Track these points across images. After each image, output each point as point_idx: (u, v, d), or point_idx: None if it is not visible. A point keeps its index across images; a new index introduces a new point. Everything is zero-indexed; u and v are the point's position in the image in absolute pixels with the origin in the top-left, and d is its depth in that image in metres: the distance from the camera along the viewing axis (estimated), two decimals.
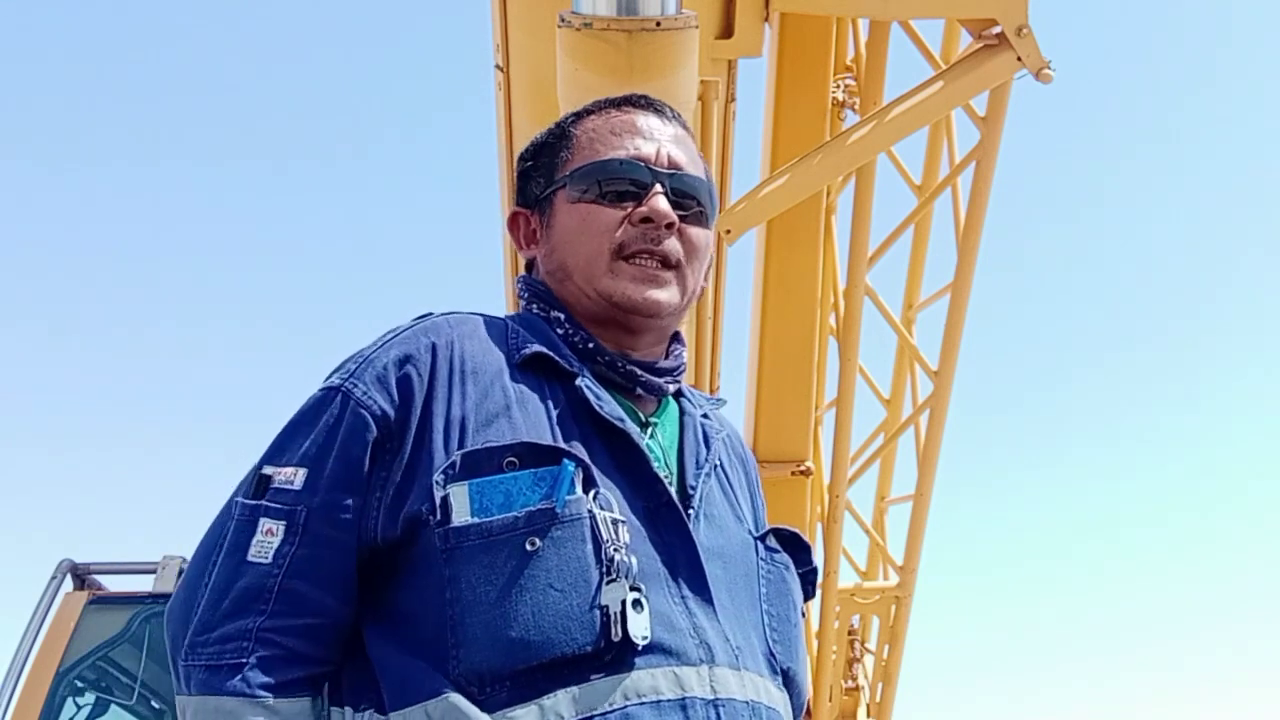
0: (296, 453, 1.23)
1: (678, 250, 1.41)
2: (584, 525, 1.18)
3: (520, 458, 1.21)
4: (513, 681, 1.11)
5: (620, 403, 1.36)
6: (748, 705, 1.18)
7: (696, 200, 1.44)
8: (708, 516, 1.32)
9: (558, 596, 1.14)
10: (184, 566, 4.53)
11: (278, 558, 1.17)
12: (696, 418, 1.45)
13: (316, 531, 1.19)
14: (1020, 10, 3.82)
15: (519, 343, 1.36)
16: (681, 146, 1.48)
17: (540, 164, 1.51)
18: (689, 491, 1.33)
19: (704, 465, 1.37)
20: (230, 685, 1.12)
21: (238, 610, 1.15)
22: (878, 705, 7.63)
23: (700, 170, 1.50)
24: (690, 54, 3.07)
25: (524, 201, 1.54)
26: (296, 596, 1.17)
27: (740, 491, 1.46)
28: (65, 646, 4.31)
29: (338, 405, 1.25)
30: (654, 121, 1.48)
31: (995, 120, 4.72)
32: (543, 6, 3.27)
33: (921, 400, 5.99)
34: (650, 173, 1.41)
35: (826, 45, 4.84)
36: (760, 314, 5.42)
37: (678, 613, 1.19)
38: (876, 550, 6.80)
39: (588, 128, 1.48)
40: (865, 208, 4.98)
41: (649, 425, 1.39)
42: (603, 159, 1.43)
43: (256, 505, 1.20)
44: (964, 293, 5.38)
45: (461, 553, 1.16)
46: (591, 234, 1.40)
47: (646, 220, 1.39)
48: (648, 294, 1.38)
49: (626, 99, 1.51)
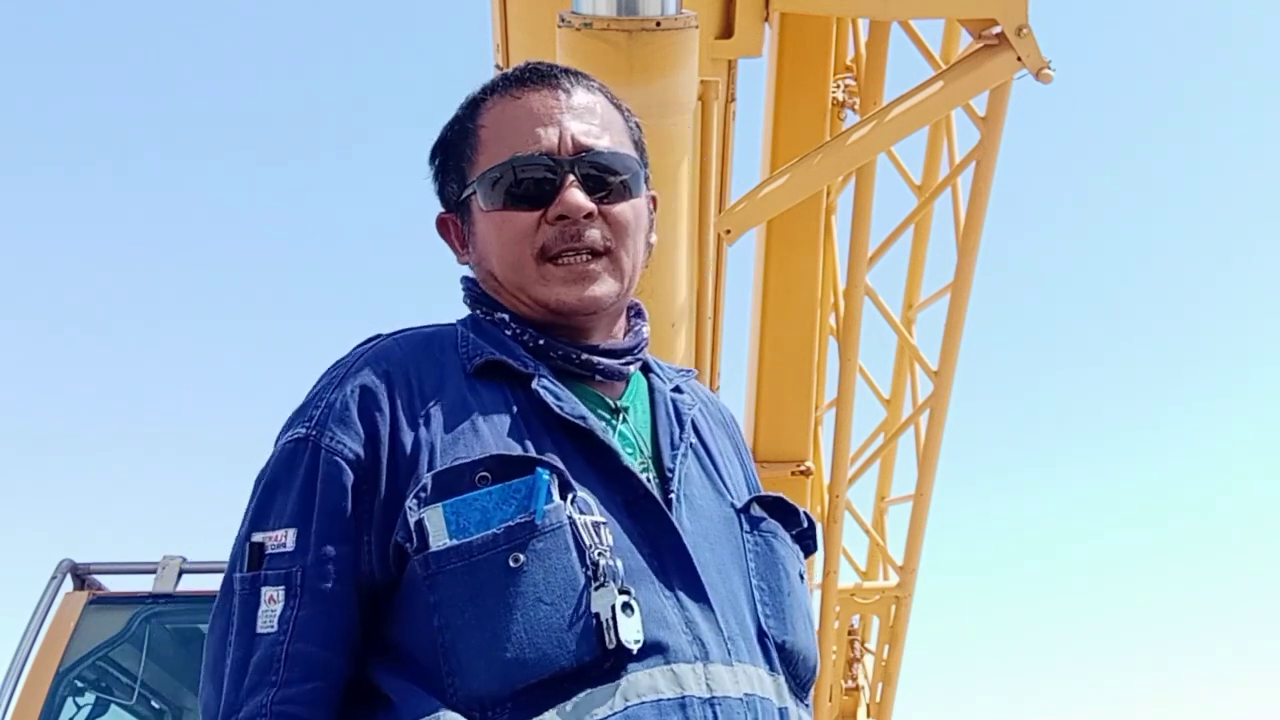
0: (282, 514, 1.22)
1: (604, 237, 1.35)
2: (565, 533, 1.15)
3: (492, 472, 1.18)
4: (514, 703, 1.10)
5: (585, 393, 1.33)
6: (742, 701, 1.16)
7: (614, 174, 1.37)
8: (688, 498, 1.30)
9: (548, 610, 1.12)
10: (184, 566, 4.58)
11: (282, 624, 1.17)
12: (667, 394, 1.41)
13: (314, 589, 1.18)
14: (1020, 10, 3.82)
15: (470, 351, 1.33)
16: (587, 117, 1.39)
17: (449, 165, 1.45)
18: (667, 475, 1.30)
19: (679, 445, 1.34)
20: None
21: (255, 686, 1.15)
22: (878, 705, 7.64)
23: (618, 133, 1.41)
24: (690, 54, 3.07)
25: (445, 204, 1.48)
26: (302, 660, 1.16)
27: (725, 459, 1.43)
28: (65, 646, 4.31)
29: (308, 456, 1.23)
30: (550, 99, 1.38)
31: (995, 120, 4.72)
32: (543, 6, 3.26)
33: (921, 400, 6.00)
34: (555, 164, 1.34)
35: (826, 45, 4.84)
36: (760, 314, 5.42)
37: (669, 608, 1.17)
38: (876, 550, 6.80)
39: (488, 121, 1.40)
40: (865, 208, 4.98)
41: (619, 411, 1.35)
42: (503, 161, 1.35)
43: (255, 576, 1.20)
44: (964, 293, 5.38)
45: (444, 577, 1.14)
46: (510, 242, 1.35)
47: (562, 218, 1.33)
48: (583, 293, 1.33)
49: (519, 75, 1.42)
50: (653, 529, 1.23)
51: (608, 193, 1.36)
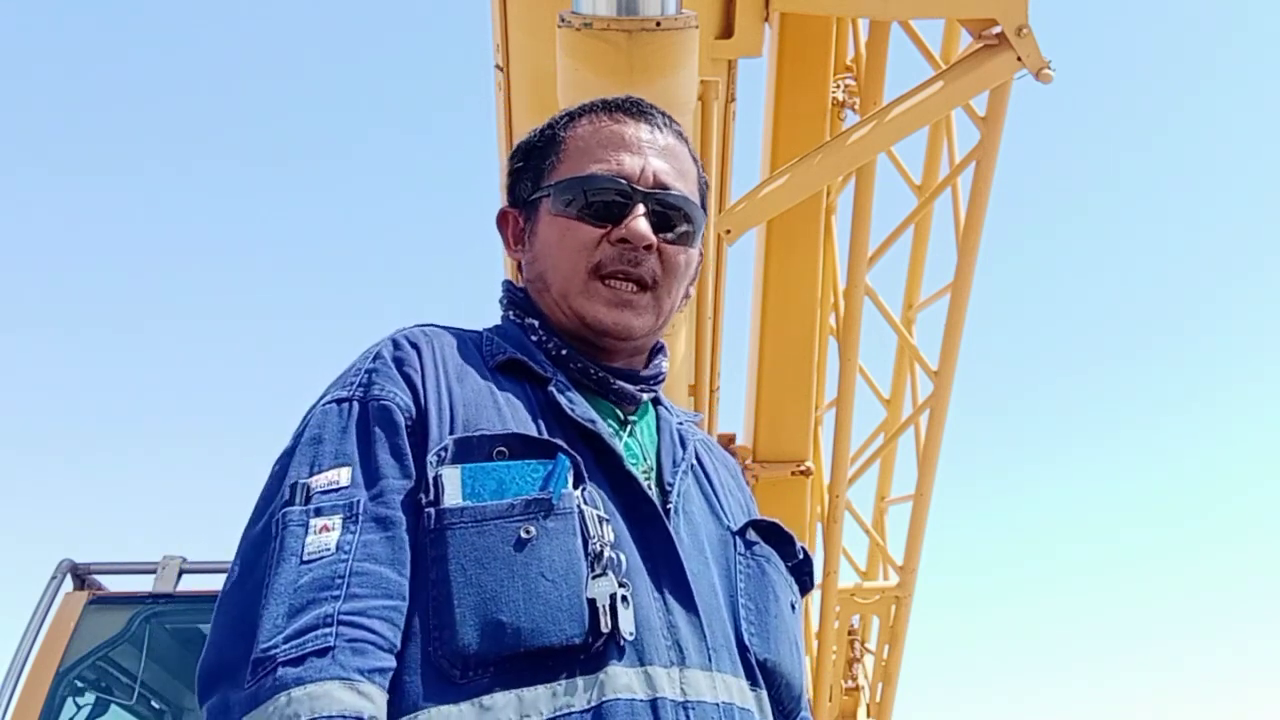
0: (331, 456, 1.20)
1: (655, 271, 1.41)
2: (574, 519, 1.18)
3: (510, 448, 1.22)
4: (497, 668, 1.10)
5: (597, 404, 1.38)
6: (718, 707, 1.17)
7: (680, 218, 1.44)
8: (685, 513, 1.33)
9: (549, 586, 1.13)
10: (184, 566, 4.58)
11: (342, 545, 1.12)
12: (673, 423, 1.46)
13: (379, 515, 1.16)
14: (1020, 10, 3.82)
15: (494, 349, 1.38)
16: (670, 159, 1.46)
17: (529, 166, 1.51)
18: (667, 488, 1.34)
19: (680, 464, 1.38)
20: (320, 670, 1.03)
21: (310, 601, 1.07)
22: (878, 705, 7.63)
23: (690, 183, 1.49)
24: (690, 54, 3.07)
25: (513, 201, 1.54)
26: (372, 577, 1.11)
27: (725, 491, 1.46)
28: (65, 646, 4.31)
29: (356, 407, 1.24)
30: (643, 132, 1.46)
31: (995, 120, 4.72)
32: (543, 6, 3.27)
33: (921, 400, 6.00)
34: (631, 191, 1.40)
35: (826, 45, 4.84)
36: (760, 314, 5.42)
37: (655, 611, 1.19)
38: (876, 550, 6.80)
39: (577, 134, 1.47)
40: (865, 208, 4.98)
41: (628, 424, 1.40)
42: (585, 174, 1.42)
43: (305, 509, 1.15)
44: (964, 293, 5.38)
45: (452, 533, 1.15)
46: (569, 250, 1.41)
47: (624, 241, 1.39)
48: (619, 319, 1.39)
49: (619, 104, 1.49)
50: (649, 534, 1.25)
51: (671, 234, 1.43)
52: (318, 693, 1.02)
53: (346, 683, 1.03)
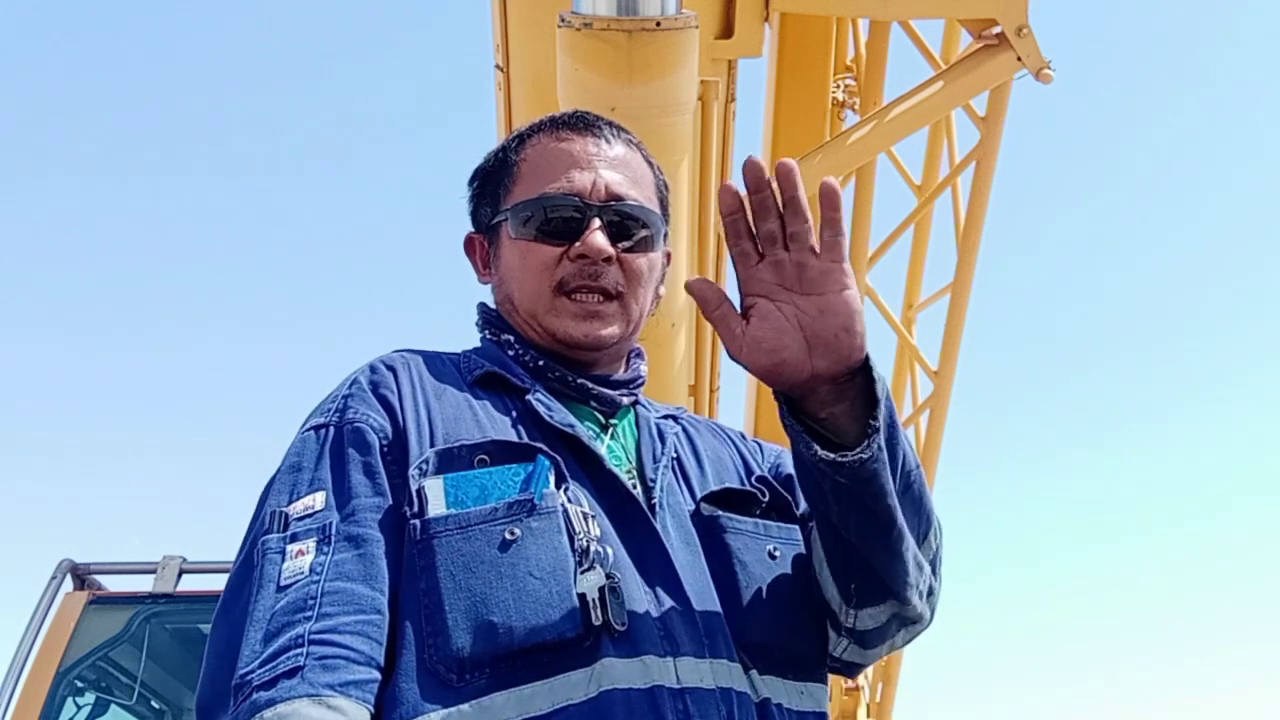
0: (308, 483, 1.23)
1: (618, 281, 1.43)
2: (558, 517, 1.20)
3: (491, 455, 1.24)
4: (492, 669, 1.12)
5: (577, 410, 1.40)
6: (715, 693, 1.18)
7: (638, 225, 1.45)
8: (670, 506, 1.34)
9: (537, 584, 1.15)
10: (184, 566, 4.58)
11: (314, 568, 1.14)
12: (652, 419, 1.48)
13: (349, 534, 1.18)
14: (1020, 10, 3.82)
15: (471, 365, 1.42)
16: (621, 168, 1.47)
17: (486, 191, 1.54)
18: (649, 484, 1.35)
19: (661, 459, 1.40)
20: (289, 689, 1.05)
21: (284, 625, 1.10)
22: (878, 705, 7.64)
23: (646, 189, 1.50)
24: (690, 54, 3.07)
25: (475, 225, 1.58)
26: (344, 595, 1.13)
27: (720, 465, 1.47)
28: (65, 646, 4.31)
29: (332, 433, 1.27)
30: (591, 146, 1.48)
31: (995, 120, 4.72)
32: (543, 6, 3.26)
33: (921, 400, 6.00)
34: (585, 206, 1.42)
35: (826, 45, 4.84)
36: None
37: (646, 603, 1.21)
38: None
39: (526, 156, 1.49)
40: (865, 208, 4.98)
41: (609, 427, 1.43)
42: (536, 196, 1.44)
43: (282, 536, 1.18)
44: (964, 293, 5.39)
45: (438, 542, 1.17)
46: (531, 271, 1.44)
47: (583, 256, 1.41)
48: (589, 330, 1.41)
49: (565, 120, 1.51)
50: (635, 530, 1.27)
51: (629, 242, 1.45)
52: (286, 711, 1.04)
53: (315, 699, 1.05)
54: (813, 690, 1.34)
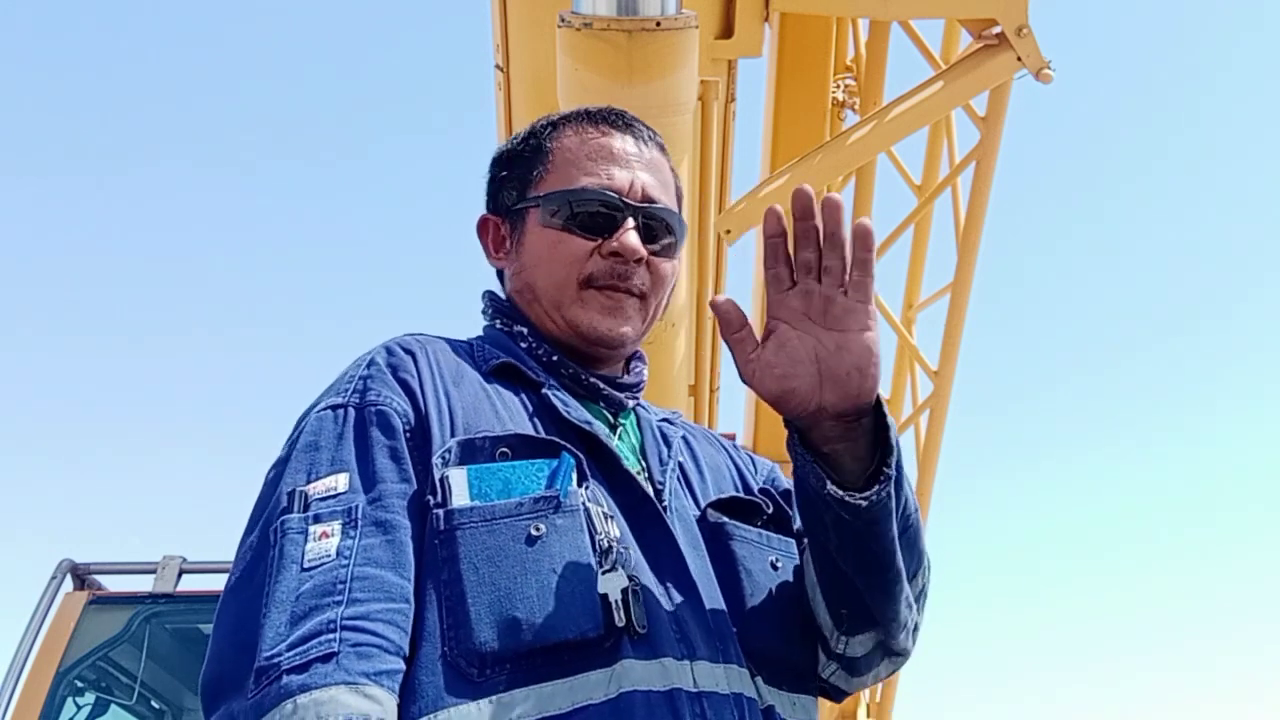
0: (328, 463, 1.19)
1: (645, 283, 1.43)
2: (581, 516, 1.19)
3: (513, 449, 1.23)
4: (513, 665, 1.10)
5: (589, 408, 1.39)
6: (729, 698, 1.18)
7: (667, 231, 1.46)
8: (677, 510, 1.35)
9: (561, 582, 1.14)
10: (184, 566, 4.58)
11: (342, 551, 1.11)
12: (654, 422, 1.48)
13: (379, 519, 1.15)
14: (1020, 10, 3.82)
15: (486, 355, 1.39)
16: (655, 173, 1.48)
17: (514, 175, 1.52)
18: (658, 487, 1.35)
19: (668, 462, 1.40)
20: (325, 675, 1.02)
21: (313, 609, 1.06)
22: (878, 705, 7.63)
23: (671, 195, 1.51)
24: (690, 54, 3.07)
25: (495, 208, 1.55)
26: (374, 581, 1.10)
27: (717, 473, 1.48)
28: (65, 646, 4.31)
29: (353, 414, 1.24)
30: (630, 146, 1.48)
31: (995, 120, 4.72)
32: (543, 6, 3.27)
33: (921, 400, 6.00)
34: (622, 205, 1.42)
35: (826, 45, 4.85)
36: (760, 314, 5.41)
37: (662, 606, 1.20)
38: None
39: (563, 145, 1.48)
40: (865, 208, 4.98)
41: (617, 427, 1.42)
42: (576, 187, 1.43)
43: (304, 516, 1.14)
44: (964, 293, 5.38)
45: (462, 533, 1.16)
46: (561, 262, 1.42)
47: (615, 254, 1.41)
48: (614, 326, 1.41)
49: (605, 115, 1.51)
50: (650, 532, 1.27)
51: (657, 245, 1.45)
52: (323, 698, 1.01)
53: (352, 687, 1.03)
54: (805, 703, 1.34)
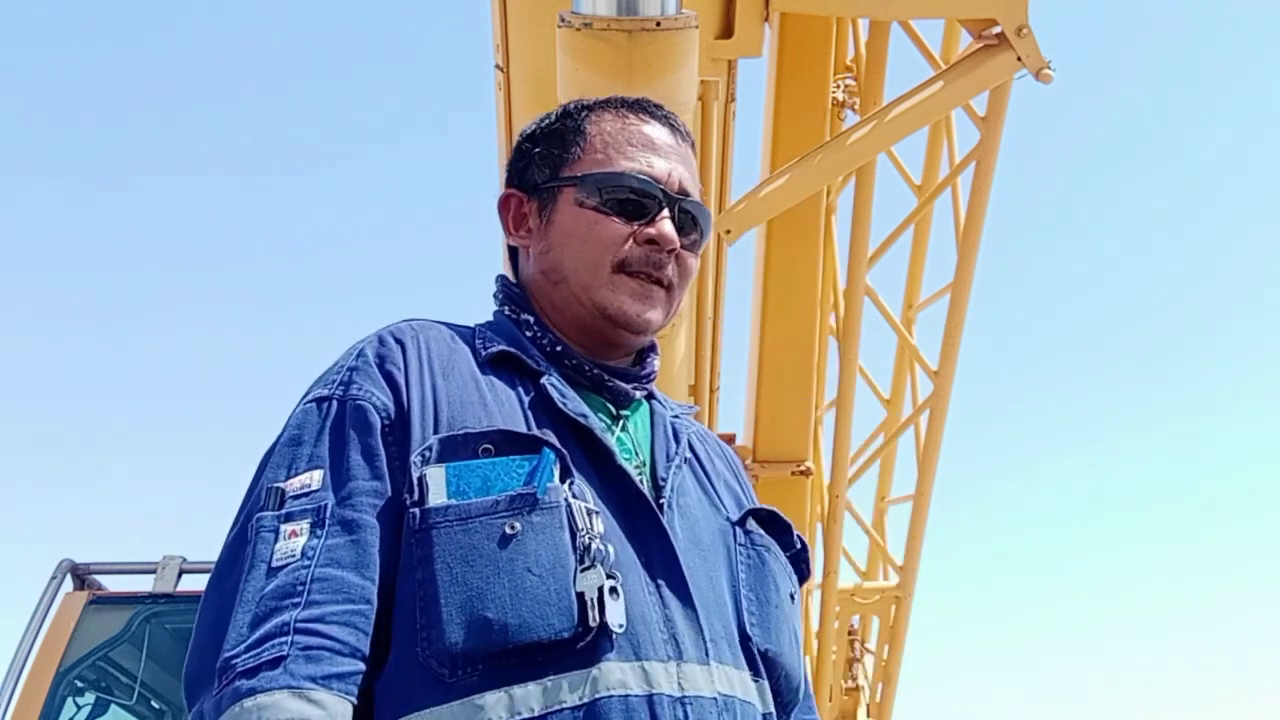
0: (306, 459, 1.20)
1: (674, 274, 1.44)
2: (561, 513, 1.17)
3: (496, 445, 1.21)
4: (485, 665, 1.09)
5: (590, 399, 1.37)
6: (716, 701, 1.16)
7: (697, 226, 1.47)
8: (681, 507, 1.32)
9: (535, 581, 1.13)
10: (184, 566, 4.58)
11: (306, 551, 1.12)
12: (667, 416, 1.46)
13: (344, 518, 1.15)
14: (1020, 10, 3.82)
15: (485, 343, 1.38)
16: (689, 168, 1.49)
17: (547, 152, 1.50)
18: (660, 483, 1.33)
19: (674, 458, 1.38)
20: (271, 680, 1.04)
21: (271, 611, 1.08)
22: (878, 705, 7.64)
23: (698, 193, 1.52)
24: (690, 54, 3.07)
25: (520, 184, 1.52)
26: (333, 582, 1.11)
27: (722, 482, 1.47)
28: (65, 646, 4.30)
29: (334, 407, 1.24)
30: (668, 137, 1.49)
31: (995, 120, 4.73)
32: (543, 6, 3.27)
33: (921, 400, 6.00)
34: (662, 195, 1.43)
35: (826, 45, 4.84)
36: (760, 314, 5.42)
37: (650, 604, 1.18)
38: (876, 550, 6.80)
39: (603, 129, 1.47)
40: (865, 208, 4.98)
41: (620, 419, 1.40)
42: (619, 170, 1.43)
43: (276, 515, 1.16)
44: (964, 293, 5.39)
45: (437, 533, 1.15)
46: (596, 244, 1.41)
47: (651, 242, 1.41)
48: (642, 312, 1.41)
49: (644, 104, 1.51)
50: (642, 528, 1.25)
51: (687, 239, 1.46)
52: (266, 702, 1.03)
53: (296, 691, 1.04)
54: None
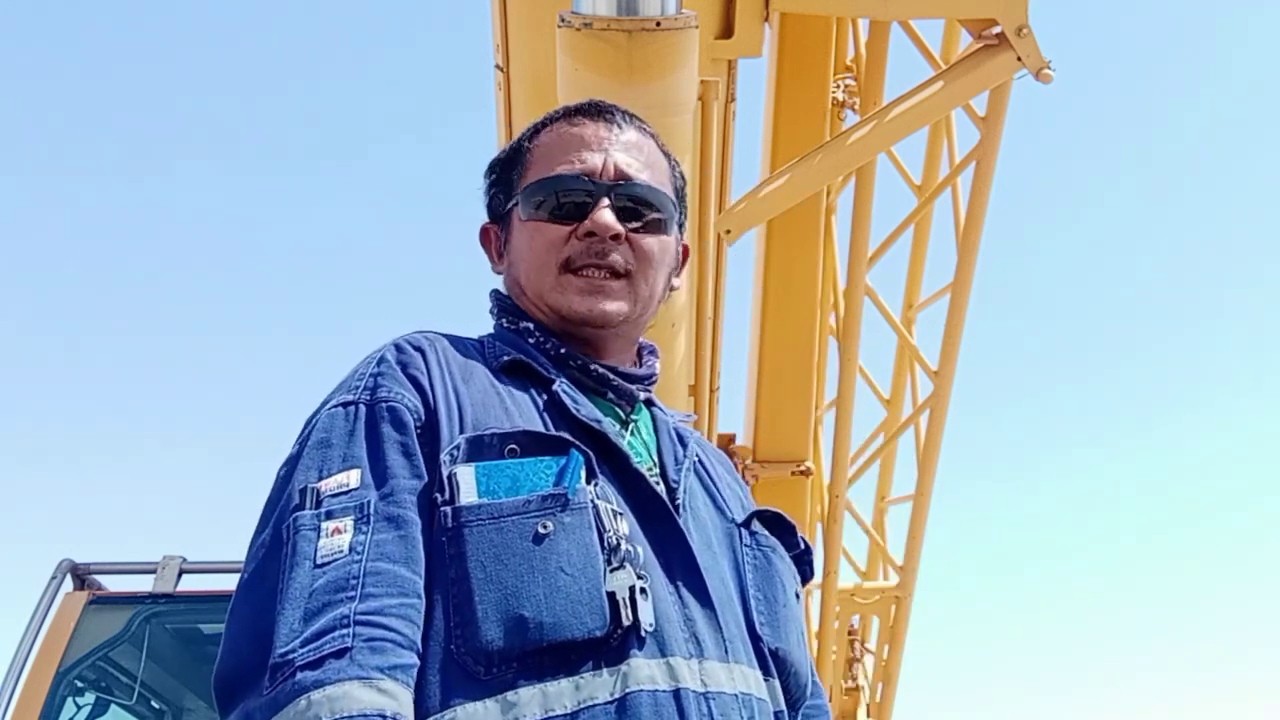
0: (340, 460, 1.20)
1: (627, 260, 1.43)
2: (589, 513, 1.19)
3: (521, 446, 1.23)
4: (520, 663, 1.11)
5: (598, 403, 1.40)
6: (736, 698, 1.19)
7: (647, 207, 1.46)
8: (692, 509, 1.35)
9: (568, 580, 1.14)
10: (184, 566, 4.58)
11: (355, 547, 1.12)
12: (670, 422, 1.49)
13: (391, 515, 1.16)
14: (1020, 10, 3.82)
15: (496, 352, 1.40)
16: (634, 152, 1.48)
17: (501, 179, 1.55)
18: (672, 485, 1.35)
19: (683, 461, 1.40)
20: (339, 671, 1.02)
21: (326, 605, 1.07)
22: (878, 705, 7.63)
23: (660, 173, 1.51)
24: (690, 54, 3.07)
25: (491, 216, 1.59)
26: (386, 576, 1.11)
27: (725, 486, 1.49)
28: (65, 646, 4.30)
29: (364, 410, 1.25)
30: (602, 130, 1.49)
31: (995, 120, 4.72)
32: (543, 6, 3.27)
33: (921, 400, 6.00)
34: (594, 186, 1.43)
35: (826, 45, 4.84)
36: (760, 314, 5.42)
37: (671, 604, 1.21)
38: (876, 550, 6.80)
39: (541, 142, 1.51)
40: (865, 208, 4.98)
41: (629, 423, 1.42)
42: (547, 176, 1.45)
43: (316, 513, 1.15)
44: (964, 293, 5.38)
45: (470, 531, 1.16)
46: (539, 250, 1.44)
47: (590, 234, 1.41)
48: (594, 306, 1.41)
49: (579, 108, 1.52)
50: (659, 530, 1.27)
51: (638, 222, 1.45)
52: (337, 694, 1.02)
53: (366, 681, 1.03)
54: None
